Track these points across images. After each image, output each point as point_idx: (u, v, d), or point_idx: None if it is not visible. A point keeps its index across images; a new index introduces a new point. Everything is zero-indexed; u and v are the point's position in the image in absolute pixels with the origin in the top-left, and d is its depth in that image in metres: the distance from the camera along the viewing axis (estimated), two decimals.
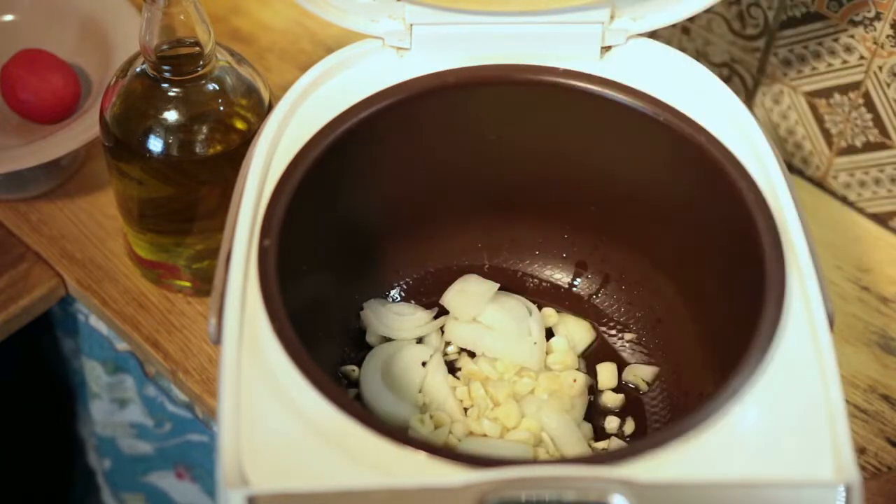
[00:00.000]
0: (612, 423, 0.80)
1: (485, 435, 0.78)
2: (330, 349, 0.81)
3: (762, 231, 0.69)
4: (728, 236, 0.73)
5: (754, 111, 1.01)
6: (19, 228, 0.96)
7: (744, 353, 0.64)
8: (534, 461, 0.73)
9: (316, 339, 0.70)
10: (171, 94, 0.81)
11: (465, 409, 0.80)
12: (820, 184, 1.01)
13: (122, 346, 0.97)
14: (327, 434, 0.60)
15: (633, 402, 0.81)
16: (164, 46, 0.79)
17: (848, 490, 0.58)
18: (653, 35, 0.80)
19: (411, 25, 0.78)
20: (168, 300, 0.91)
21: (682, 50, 0.88)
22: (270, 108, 0.83)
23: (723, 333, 0.74)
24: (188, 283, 0.91)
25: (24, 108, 0.96)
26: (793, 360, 0.64)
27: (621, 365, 0.83)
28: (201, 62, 0.81)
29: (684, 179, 0.77)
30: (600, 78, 0.77)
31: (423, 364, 0.81)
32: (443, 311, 0.85)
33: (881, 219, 0.98)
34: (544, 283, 0.87)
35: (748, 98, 1.01)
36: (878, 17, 0.89)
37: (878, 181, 0.97)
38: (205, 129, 0.82)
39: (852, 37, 0.91)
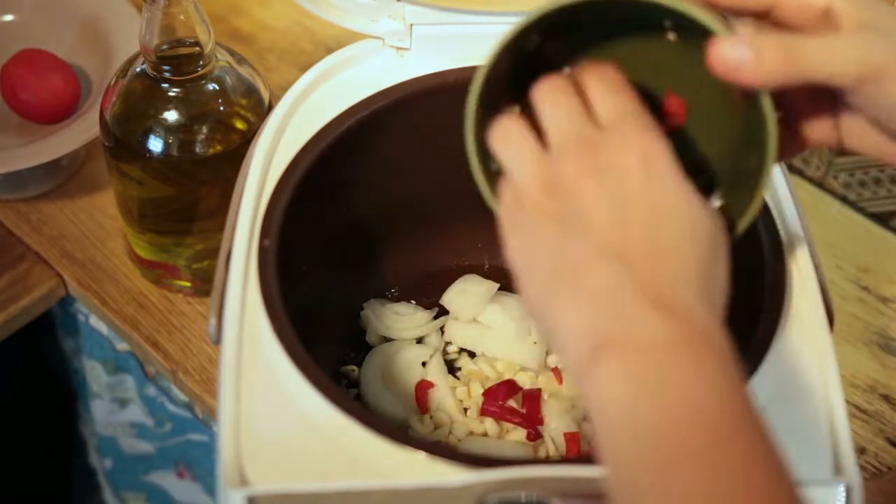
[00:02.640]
0: None
1: (485, 435, 0.78)
2: (330, 349, 0.81)
3: (762, 231, 0.69)
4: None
5: None
6: (19, 228, 0.96)
7: (743, 352, 0.64)
8: (534, 461, 0.73)
9: (316, 339, 0.70)
10: (171, 94, 0.81)
11: (465, 409, 0.80)
12: (820, 184, 1.01)
13: (122, 346, 0.97)
14: (327, 434, 0.60)
15: None
16: (164, 46, 0.79)
17: (848, 490, 0.58)
18: None
19: (411, 25, 0.78)
20: (168, 300, 0.91)
21: None
22: (270, 108, 0.83)
23: None
24: (188, 283, 0.91)
25: (24, 108, 0.96)
26: (793, 360, 0.64)
27: None
28: (201, 62, 0.81)
29: None
30: None
31: (423, 364, 0.81)
32: (443, 311, 0.85)
33: (881, 219, 0.98)
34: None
35: None
36: None
37: (877, 181, 0.97)
38: (205, 129, 0.82)
39: None
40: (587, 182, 0.52)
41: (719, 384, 0.48)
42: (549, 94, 0.56)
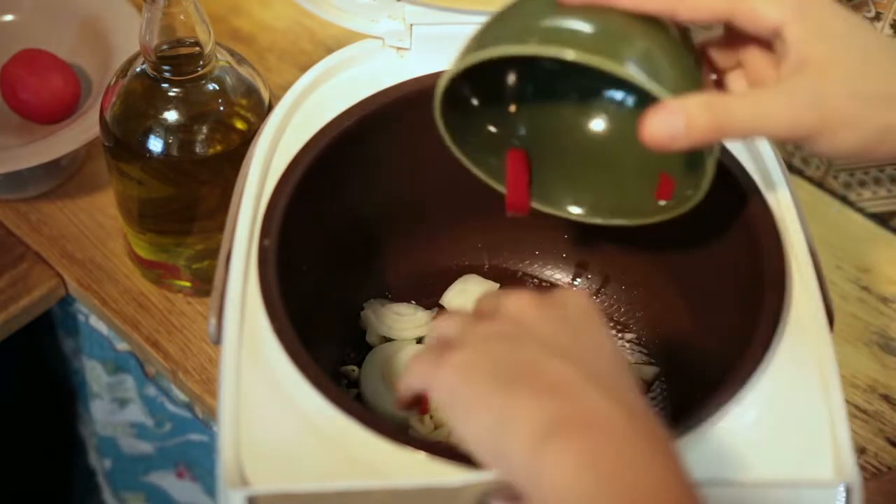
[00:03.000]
0: None
1: None
2: (330, 349, 0.81)
3: (762, 231, 0.69)
4: (728, 236, 0.73)
5: None
6: (19, 228, 0.96)
7: (744, 353, 0.64)
8: None
9: (316, 339, 0.70)
10: (171, 94, 0.81)
11: None
12: (820, 184, 1.01)
13: (122, 346, 0.97)
14: (327, 434, 0.60)
15: None
16: (164, 46, 0.79)
17: (848, 490, 0.58)
18: None
19: (411, 25, 0.78)
20: (168, 300, 0.91)
21: None
22: (270, 108, 0.83)
23: (723, 333, 0.74)
24: (188, 283, 0.91)
25: (24, 108, 0.96)
26: (793, 360, 0.64)
27: None
28: (201, 62, 0.81)
29: None
30: None
31: None
32: (443, 312, 0.85)
33: (881, 219, 0.98)
34: (544, 283, 0.87)
35: None
36: (878, 17, 0.89)
37: (877, 181, 0.97)
38: (205, 129, 0.82)
39: None
40: (530, 310, 0.54)
41: (669, 471, 0.49)
42: None
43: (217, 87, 0.82)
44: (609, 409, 0.50)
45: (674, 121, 0.55)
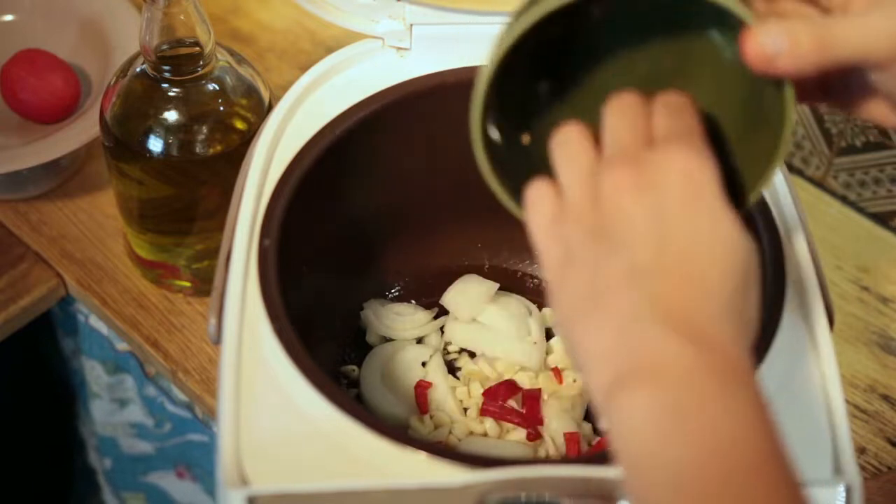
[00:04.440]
0: None
1: (485, 435, 0.78)
2: (330, 349, 0.81)
3: (762, 231, 0.69)
4: None
5: None
6: (19, 228, 0.96)
7: None
8: (534, 461, 0.73)
9: (316, 339, 0.70)
10: (171, 94, 0.81)
11: (465, 409, 0.80)
12: (820, 184, 1.01)
13: (122, 346, 0.97)
14: (327, 434, 0.60)
15: None
16: (164, 46, 0.79)
17: (848, 490, 0.58)
18: None
19: (411, 25, 0.78)
20: (168, 300, 0.91)
21: None
22: (270, 108, 0.83)
23: None
24: (188, 283, 0.91)
25: (24, 108, 0.96)
26: (793, 360, 0.64)
27: None
28: (201, 62, 0.81)
29: None
30: None
31: (423, 364, 0.81)
32: (443, 311, 0.85)
33: (881, 219, 0.98)
34: (544, 283, 0.87)
35: None
36: None
37: (878, 181, 0.97)
38: (205, 129, 0.82)
39: None
40: (626, 196, 0.51)
41: (747, 416, 0.48)
42: (618, 108, 0.56)
43: (217, 87, 0.82)
44: (681, 351, 0.48)
45: (778, 38, 0.53)
